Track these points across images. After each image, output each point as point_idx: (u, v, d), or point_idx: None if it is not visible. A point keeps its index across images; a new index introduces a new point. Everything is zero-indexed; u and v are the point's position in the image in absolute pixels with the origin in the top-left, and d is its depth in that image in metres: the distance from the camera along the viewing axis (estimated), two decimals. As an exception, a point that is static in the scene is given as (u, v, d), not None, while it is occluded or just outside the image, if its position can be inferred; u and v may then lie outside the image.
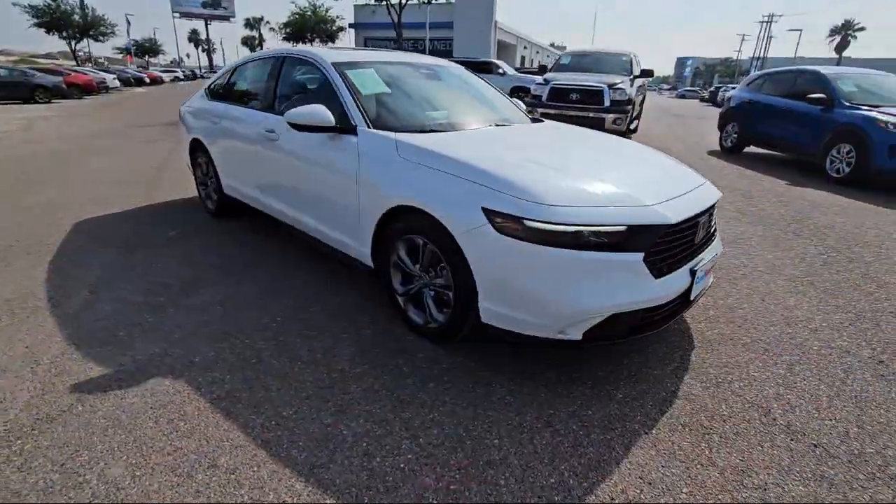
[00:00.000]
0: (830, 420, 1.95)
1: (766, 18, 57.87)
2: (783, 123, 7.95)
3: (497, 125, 2.98)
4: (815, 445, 1.81)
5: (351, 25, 31.70)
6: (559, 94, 8.84)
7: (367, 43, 33.16)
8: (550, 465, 1.68)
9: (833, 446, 1.81)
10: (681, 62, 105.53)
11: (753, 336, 2.57)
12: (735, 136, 9.10)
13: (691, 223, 2.10)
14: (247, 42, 73.14)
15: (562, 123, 3.43)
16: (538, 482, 1.60)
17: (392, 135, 2.46)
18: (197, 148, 4.18)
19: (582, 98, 8.69)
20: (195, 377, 2.09)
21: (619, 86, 8.58)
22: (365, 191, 2.47)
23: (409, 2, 15.96)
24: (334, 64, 2.92)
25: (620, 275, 1.90)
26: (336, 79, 2.82)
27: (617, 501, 1.54)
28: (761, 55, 59.84)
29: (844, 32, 59.63)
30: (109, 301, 2.75)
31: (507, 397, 2.02)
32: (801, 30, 58.64)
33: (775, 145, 8.37)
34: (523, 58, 37.69)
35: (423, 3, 15.74)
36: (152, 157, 7.17)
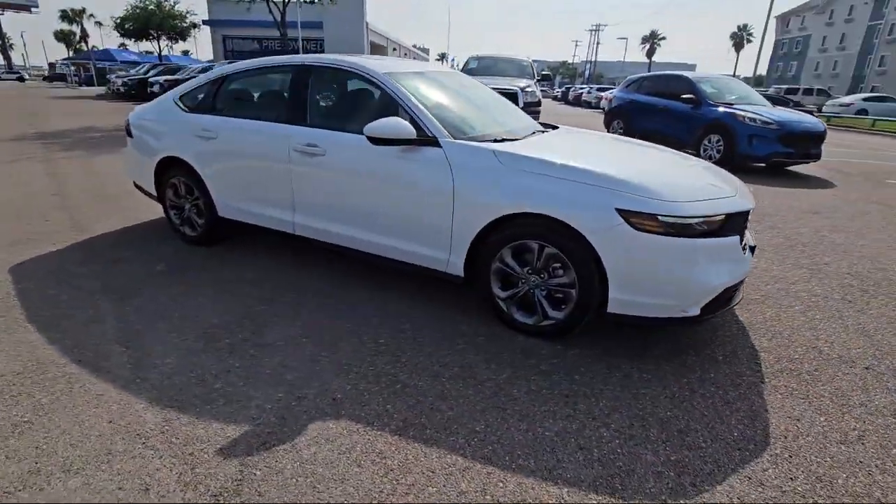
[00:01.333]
0: (856, 348, 2.57)
1: (594, 27, 66.63)
2: (662, 119, 9.44)
3: (541, 132, 3.18)
4: (866, 368, 2.39)
5: (206, 22, 28.68)
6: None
7: (225, 42, 30.41)
8: (723, 422, 1.97)
9: (873, 366, 2.41)
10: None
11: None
12: (621, 130, 10.51)
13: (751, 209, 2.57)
14: (62, 38, 61.44)
15: (580, 129, 3.75)
16: (726, 434, 1.89)
17: (488, 145, 2.53)
18: (171, 167, 3.63)
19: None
20: (356, 413, 1.95)
21: (529, 88, 9.34)
22: (462, 202, 2.49)
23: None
24: (387, 74, 2.85)
25: (728, 255, 2.28)
26: (398, 90, 2.76)
27: (782, 436, 1.89)
28: (593, 59, 68.74)
29: (652, 41, 71.47)
30: (163, 353, 2.35)
31: (644, 376, 2.27)
32: (626, 38, 68.67)
33: (656, 138, 9.91)
34: (393, 59, 38.14)
35: (306, 1, 15.00)
36: (33, 180, 5.88)
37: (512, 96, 9.15)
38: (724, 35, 78.33)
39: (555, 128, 3.59)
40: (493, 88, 9.14)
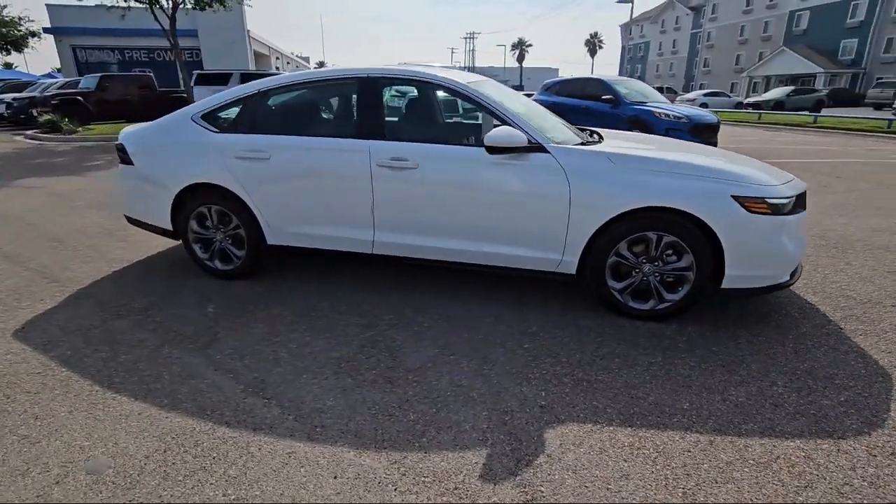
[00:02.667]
0: (872, 291, 3.21)
1: (469, 35, 69.99)
2: (585, 118, 10.36)
3: (598, 136, 3.39)
4: (894, 306, 3.01)
5: (48, 30, 24.42)
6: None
7: (76, 53, 26.27)
8: (846, 363, 2.36)
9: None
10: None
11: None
12: (546, 131, 11.35)
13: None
14: None
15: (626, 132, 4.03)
16: (859, 372, 2.28)
17: (599, 147, 2.69)
18: (195, 195, 3.20)
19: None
20: (572, 414, 1.98)
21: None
22: (579, 203, 2.62)
23: (184, 4, 13.50)
24: (472, 85, 2.86)
25: (802, 227, 2.71)
26: (489, 99, 2.79)
27: (874, 377, 2.35)
28: (470, 66, 72.17)
29: (521, 48, 77.26)
30: (316, 396, 2.12)
31: (759, 338, 2.61)
32: (505, 45, 72.87)
33: (579, 136, 10.87)
34: (278, 68, 36.10)
35: (195, 7, 13.47)
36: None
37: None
38: (580, 42, 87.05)
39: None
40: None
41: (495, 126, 2.73)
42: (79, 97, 14.66)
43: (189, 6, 13.76)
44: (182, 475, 1.70)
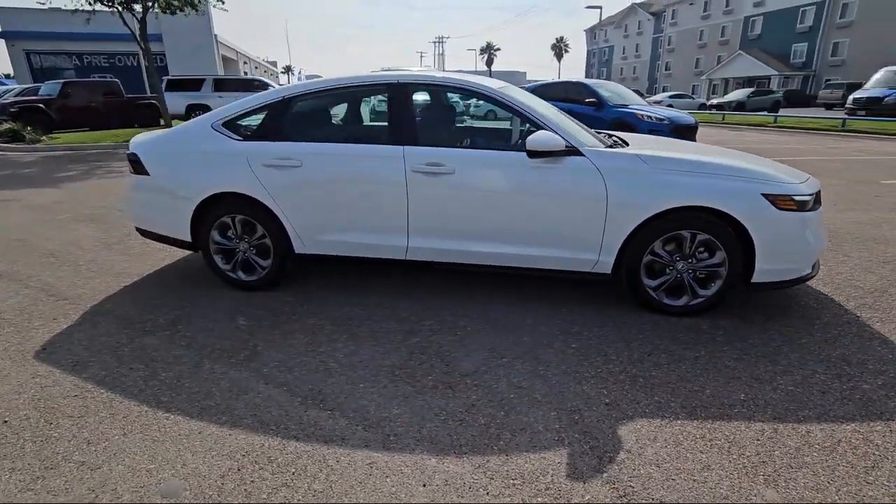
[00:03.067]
0: (875, 280, 3.40)
1: (437, 39, 70.42)
2: (568, 121, 10.60)
3: (622, 139, 3.46)
4: (897, 294, 3.20)
5: (-1, 34, 23.14)
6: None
7: (30, 59, 24.97)
8: (872, 349, 2.51)
9: (898, 292, 3.24)
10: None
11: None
12: (529, 134, 11.54)
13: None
14: None
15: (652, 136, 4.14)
16: (887, 357, 2.42)
17: (631, 150, 2.76)
18: (217, 205, 3.11)
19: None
20: (639, 410, 2.03)
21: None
22: (616, 205, 2.69)
23: (153, 7, 13.00)
24: (503, 90, 2.89)
25: (821, 222, 2.86)
26: (523, 105, 2.83)
27: (917, 351, 2.51)
28: (441, 69, 72.59)
29: (489, 52, 78.12)
30: (379, 405, 2.10)
31: (789, 331, 2.73)
32: (475, 49, 73.63)
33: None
34: (246, 73, 35.29)
35: (166, 11, 12.99)
36: None
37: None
38: (547, 46, 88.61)
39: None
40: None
41: (530, 131, 2.78)
42: (40, 104, 13.95)
43: (158, 10, 13.28)
44: (265, 493, 1.66)
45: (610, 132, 3.62)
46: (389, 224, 2.97)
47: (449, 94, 3.16)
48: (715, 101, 29.27)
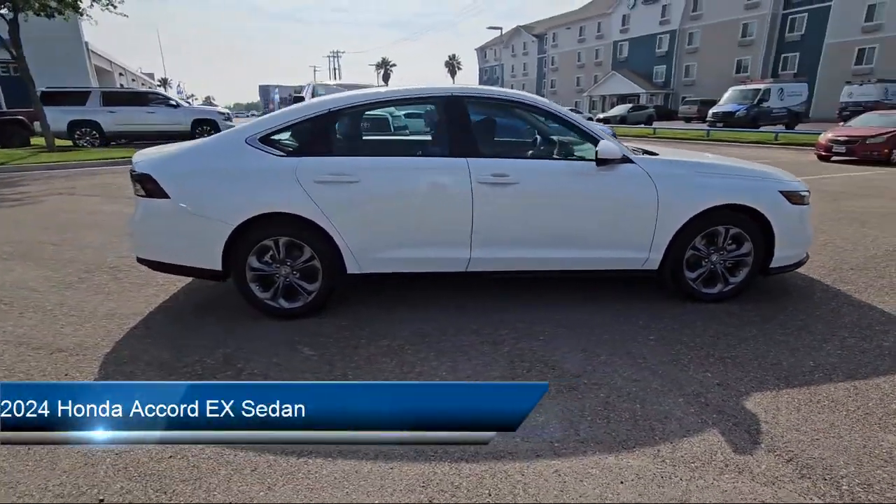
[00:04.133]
0: (855, 259, 4.12)
1: (333, 53, 69.36)
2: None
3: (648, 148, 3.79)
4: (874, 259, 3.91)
5: None
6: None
7: None
8: (871, 323, 3.06)
9: (874, 261, 3.96)
10: (265, 90, 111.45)
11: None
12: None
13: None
14: None
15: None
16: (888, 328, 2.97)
17: (669, 157, 3.07)
18: (255, 228, 2.83)
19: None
20: (755, 399, 2.27)
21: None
22: (665, 206, 2.97)
23: (24, 10, 10.96)
24: (552, 103, 3.04)
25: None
26: (573, 118, 3.00)
27: (896, 312, 3.11)
28: (338, 83, 71.41)
29: (385, 67, 78.86)
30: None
31: (799, 315, 3.21)
32: (375, 63, 73.48)
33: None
34: (122, 85, 31.50)
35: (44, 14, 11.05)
36: None
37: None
38: (441, 63, 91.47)
39: None
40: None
41: (570, 142, 2.97)
42: None
43: (30, 12, 11.46)
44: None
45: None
46: (452, 237, 2.95)
47: (510, 109, 3.24)
48: (602, 116, 32.64)
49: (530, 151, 3.37)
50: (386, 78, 78.93)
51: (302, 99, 10.39)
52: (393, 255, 2.97)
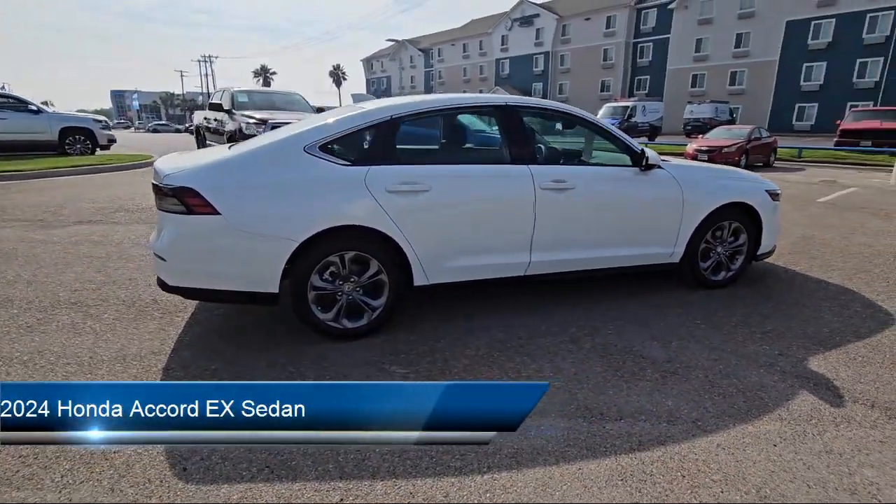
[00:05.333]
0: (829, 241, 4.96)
1: (204, 58, 63.69)
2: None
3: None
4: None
5: None
6: (284, 134, 8.60)
7: None
8: (835, 300, 3.77)
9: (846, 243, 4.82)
10: (119, 95, 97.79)
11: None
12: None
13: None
14: None
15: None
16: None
17: (683, 162, 3.48)
18: (323, 244, 2.61)
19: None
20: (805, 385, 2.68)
21: (329, 123, 9.36)
22: (689, 206, 3.37)
23: None
24: (587, 114, 3.28)
25: (776, 209, 4.12)
26: (610, 128, 3.26)
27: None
28: (206, 90, 65.77)
29: (265, 75, 74.72)
30: (627, 400, 2.24)
31: (786, 297, 3.84)
32: (254, 70, 68.61)
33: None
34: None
35: None
36: None
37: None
38: (326, 73, 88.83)
39: None
40: (287, 123, 8.60)
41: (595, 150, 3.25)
42: None
43: None
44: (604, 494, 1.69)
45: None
46: (514, 242, 3.01)
47: (557, 119, 3.39)
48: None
49: (577, 158, 3.57)
50: (266, 85, 74.83)
51: (219, 106, 9.47)
52: (459, 264, 2.93)
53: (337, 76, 78.95)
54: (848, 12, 31.80)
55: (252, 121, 8.40)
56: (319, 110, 10.60)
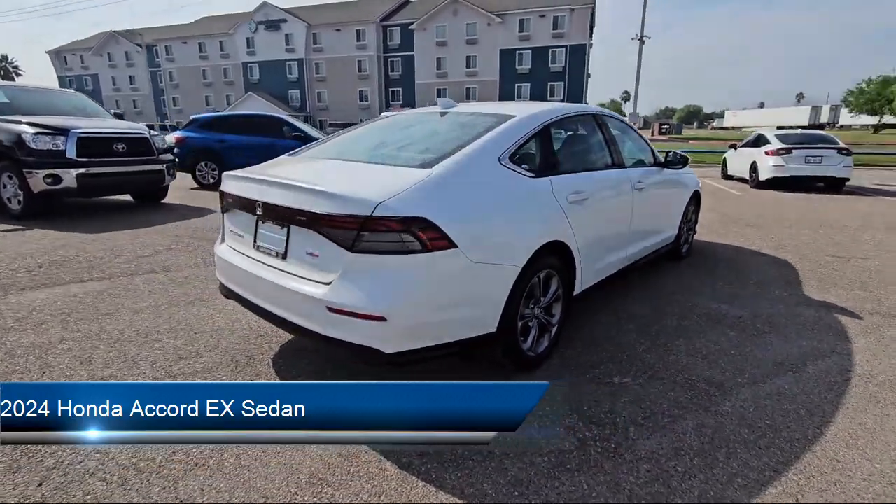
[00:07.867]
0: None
1: None
2: (261, 156, 9.98)
3: None
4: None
5: None
6: (98, 147, 6.28)
7: None
8: (796, 285, 5.25)
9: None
10: None
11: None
12: (214, 171, 9.99)
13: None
14: None
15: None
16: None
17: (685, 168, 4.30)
18: (529, 271, 2.27)
19: (129, 149, 6.70)
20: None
21: (151, 132, 7.27)
22: (680, 196, 4.21)
23: None
24: (629, 122, 3.71)
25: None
26: (644, 137, 3.77)
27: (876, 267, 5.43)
28: None
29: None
30: (755, 402, 2.84)
31: (755, 269, 5.11)
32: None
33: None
34: None
35: None
36: None
37: (140, 141, 6.93)
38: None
39: None
40: (115, 134, 6.59)
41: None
42: None
43: None
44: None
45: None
46: (621, 240, 3.23)
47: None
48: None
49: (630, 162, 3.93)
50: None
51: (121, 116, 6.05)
52: (597, 267, 2.97)
53: (5, 70, 58.99)
54: (539, 46, 41.53)
55: (40, 130, 5.82)
56: (119, 116, 8.09)
